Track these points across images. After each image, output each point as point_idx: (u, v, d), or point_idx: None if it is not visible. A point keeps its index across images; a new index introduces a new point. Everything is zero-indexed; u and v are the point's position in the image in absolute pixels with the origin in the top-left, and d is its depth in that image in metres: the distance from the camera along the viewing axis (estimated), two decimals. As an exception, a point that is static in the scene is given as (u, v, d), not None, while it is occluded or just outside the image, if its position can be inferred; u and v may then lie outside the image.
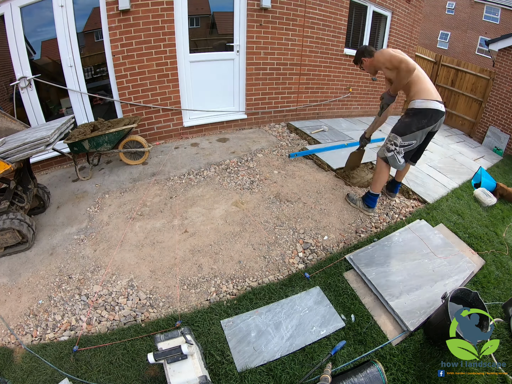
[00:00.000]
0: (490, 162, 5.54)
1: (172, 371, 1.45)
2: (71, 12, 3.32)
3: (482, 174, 4.08)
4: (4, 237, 2.38)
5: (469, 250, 2.81)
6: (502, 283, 2.52)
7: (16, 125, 2.83)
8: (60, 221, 2.86)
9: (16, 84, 3.29)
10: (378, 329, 2.03)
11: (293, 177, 3.57)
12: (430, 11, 16.71)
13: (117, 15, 3.45)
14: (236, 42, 4.33)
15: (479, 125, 7.03)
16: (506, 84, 6.40)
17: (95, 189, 3.28)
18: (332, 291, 2.25)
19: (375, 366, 1.67)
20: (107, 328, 1.97)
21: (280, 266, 2.45)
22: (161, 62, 3.88)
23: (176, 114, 4.31)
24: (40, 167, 3.70)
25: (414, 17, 6.27)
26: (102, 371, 1.73)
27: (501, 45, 6.39)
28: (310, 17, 4.62)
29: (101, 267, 2.37)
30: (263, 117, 5.00)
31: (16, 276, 2.31)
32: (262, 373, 1.73)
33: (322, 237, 2.74)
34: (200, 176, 3.48)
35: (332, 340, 1.93)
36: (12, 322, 2.01)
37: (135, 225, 2.77)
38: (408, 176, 3.88)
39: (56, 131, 2.51)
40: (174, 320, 1.98)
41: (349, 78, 5.64)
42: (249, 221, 2.85)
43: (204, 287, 2.24)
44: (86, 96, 3.74)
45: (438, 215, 3.19)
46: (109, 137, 3.27)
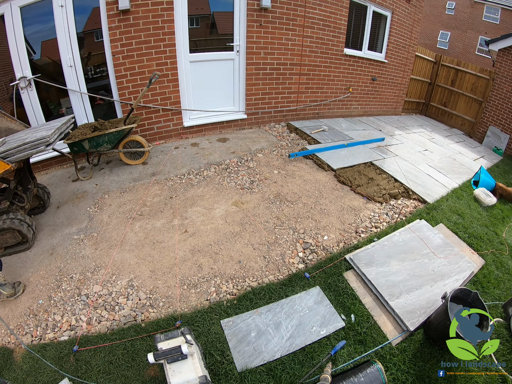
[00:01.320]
0: (490, 162, 5.54)
1: (172, 371, 1.45)
2: (71, 12, 3.32)
3: (482, 172, 4.08)
4: (4, 237, 2.38)
5: (469, 250, 2.81)
6: (502, 283, 2.52)
7: (16, 125, 2.83)
8: (60, 221, 2.86)
9: (16, 84, 3.29)
10: (378, 329, 2.03)
11: (293, 177, 3.57)
12: (430, 11, 16.70)
13: (117, 15, 3.45)
14: (236, 42, 4.33)
15: (479, 125, 7.03)
16: (506, 84, 6.39)
17: (95, 189, 3.28)
18: (332, 291, 2.25)
19: (375, 366, 1.68)
20: (107, 328, 1.97)
21: (280, 266, 2.45)
22: (161, 62, 3.88)
23: (176, 114, 4.31)
24: (40, 167, 3.70)
25: (414, 17, 6.26)
26: (102, 371, 1.73)
27: (501, 45, 6.39)
28: (310, 17, 4.62)
29: (101, 267, 2.37)
30: (263, 117, 5.00)
31: (16, 276, 2.31)
32: (262, 373, 1.73)
33: (322, 237, 2.74)
34: (200, 176, 3.48)
35: (332, 340, 1.93)
36: (12, 322, 2.01)
37: (135, 225, 2.77)
38: (408, 176, 3.88)
39: (56, 131, 2.51)
40: (174, 320, 1.98)
41: (349, 78, 5.64)
42: (249, 221, 2.84)
43: (204, 287, 2.24)
44: (86, 96, 3.74)
45: (438, 215, 3.19)
46: (109, 137, 3.27)
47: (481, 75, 6.82)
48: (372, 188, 3.54)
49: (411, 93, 7.68)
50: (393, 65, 6.37)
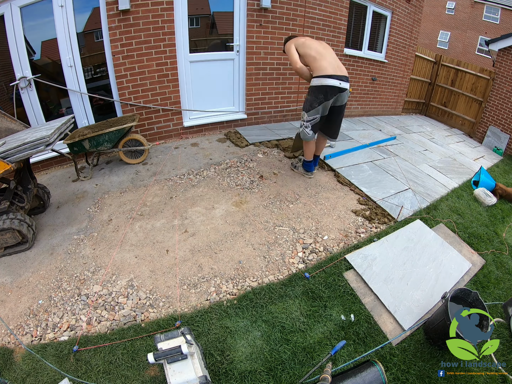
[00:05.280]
0: (490, 162, 5.54)
1: (172, 371, 1.45)
2: (71, 12, 3.32)
3: (482, 172, 4.09)
4: (4, 237, 2.38)
5: (469, 250, 2.81)
6: (502, 283, 2.52)
7: (16, 125, 2.83)
8: (60, 221, 2.86)
9: (16, 84, 3.29)
10: (378, 329, 2.03)
11: (293, 177, 3.57)
12: (430, 11, 16.70)
13: (117, 15, 3.45)
14: (236, 42, 4.33)
15: (479, 125, 7.03)
16: (506, 84, 6.39)
17: (95, 189, 3.28)
18: (332, 290, 2.25)
19: (375, 366, 1.67)
20: (107, 328, 1.97)
21: (280, 266, 2.45)
22: (161, 62, 3.88)
23: (176, 114, 4.31)
24: (40, 167, 3.70)
25: (414, 17, 6.27)
26: (102, 371, 1.73)
27: (501, 45, 6.39)
28: (310, 17, 4.62)
29: (101, 267, 2.37)
30: (263, 117, 5.00)
31: (16, 276, 2.31)
32: (262, 373, 1.73)
33: (322, 237, 2.74)
34: (200, 176, 3.48)
35: (332, 340, 1.93)
36: (12, 322, 2.01)
37: (135, 225, 2.77)
38: (408, 176, 3.88)
39: (56, 131, 2.51)
40: (174, 320, 1.98)
41: (349, 78, 5.63)
42: (249, 221, 2.85)
43: (204, 287, 2.24)
44: (86, 96, 3.74)
45: (438, 215, 3.19)
46: (109, 136, 3.27)
47: (481, 75, 6.82)
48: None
49: (411, 93, 7.69)
50: (393, 65, 6.38)
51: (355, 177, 3.64)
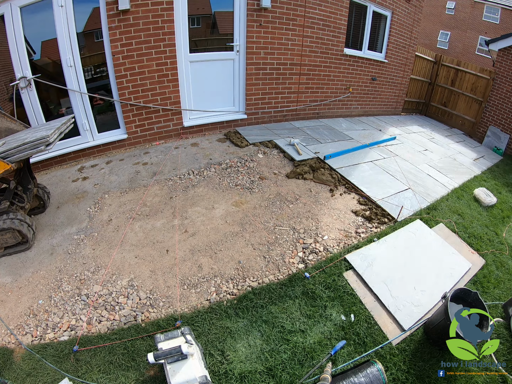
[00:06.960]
0: (490, 162, 5.54)
1: (172, 371, 1.45)
2: (71, 12, 3.32)
3: None
4: (4, 237, 2.38)
5: (469, 250, 2.81)
6: (502, 283, 2.52)
7: (16, 125, 2.83)
8: (60, 221, 2.86)
9: (16, 84, 3.29)
10: (378, 329, 2.03)
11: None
12: (430, 11, 16.68)
13: (117, 15, 3.44)
14: (236, 42, 4.33)
15: (479, 125, 7.03)
16: (506, 84, 6.39)
17: (95, 189, 3.28)
18: (332, 291, 2.25)
19: (375, 366, 1.68)
20: (107, 328, 1.97)
21: (280, 266, 2.45)
22: (161, 62, 3.88)
23: (176, 114, 4.30)
24: (40, 167, 3.69)
25: (414, 17, 6.26)
26: (102, 371, 1.73)
27: (501, 45, 6.39)
28: (310, 17, 4.62)
29: (101, 267, 2.37)
30: (263, 117, 5.00)
31: (16, 276, 2.31)
32: (262, 373, 1.73)
33: (322, 237, 2.74)
34: (200, 176, 3.48)
35: (332, 340, 1.93)
36: (12, 322, 2.01)
37: (135, 225, 2.77)
38: (408, 176, 3.88)
39: (56, 131, 2.51)
40: (174, 320, 1.98)
41: (349, 78, 5.64)
42: (249, 221, 2.84)
43: (204, 287, 2.24)
44: (86, 96, 3.74)
45: (438, 215, 3.19)
46: None
47: (481, 75, 6.82)
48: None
49: (411, 93, 7.68)
50: (393, 65, 6.37)
51: (355, 177, 3.64)
